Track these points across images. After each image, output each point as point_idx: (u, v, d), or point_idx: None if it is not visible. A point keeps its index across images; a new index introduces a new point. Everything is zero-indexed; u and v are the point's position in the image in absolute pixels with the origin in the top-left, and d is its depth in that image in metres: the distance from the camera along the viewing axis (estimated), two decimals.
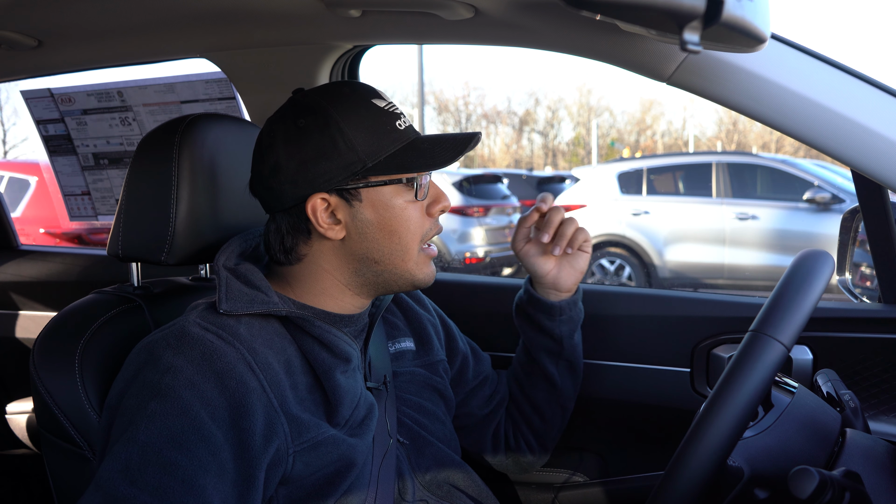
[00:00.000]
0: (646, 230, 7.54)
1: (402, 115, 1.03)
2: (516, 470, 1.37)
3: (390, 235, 1.01)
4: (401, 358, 1.19)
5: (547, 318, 1.26)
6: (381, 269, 1.03)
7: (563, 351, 1.28)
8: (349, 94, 1.00)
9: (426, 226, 1.04)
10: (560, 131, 42.34)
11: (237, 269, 1.01)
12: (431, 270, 1.07)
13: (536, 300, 1.26)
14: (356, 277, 1.03)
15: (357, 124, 0.98)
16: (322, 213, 0.99)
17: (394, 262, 1.02)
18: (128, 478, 0.81)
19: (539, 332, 1.28)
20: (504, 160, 39.92)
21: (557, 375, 1.30)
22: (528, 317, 1.29)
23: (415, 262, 1.04)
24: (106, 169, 1.96)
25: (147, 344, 0.94)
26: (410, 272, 1.04)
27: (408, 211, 1.01)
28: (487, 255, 8.27)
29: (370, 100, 1.00)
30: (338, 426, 0.99)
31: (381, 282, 1.04)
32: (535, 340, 1.29)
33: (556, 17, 1.01)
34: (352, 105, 0.99)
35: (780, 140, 32.78)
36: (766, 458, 0.87)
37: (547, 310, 1.26)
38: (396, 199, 1.00)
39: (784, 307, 0.81)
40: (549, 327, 1.27)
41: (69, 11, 1.22)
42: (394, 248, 1.01)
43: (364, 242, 1.01)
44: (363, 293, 1.06)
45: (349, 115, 0.98)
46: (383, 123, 0.99)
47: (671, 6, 0.63)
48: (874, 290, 1.40)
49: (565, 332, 1.27)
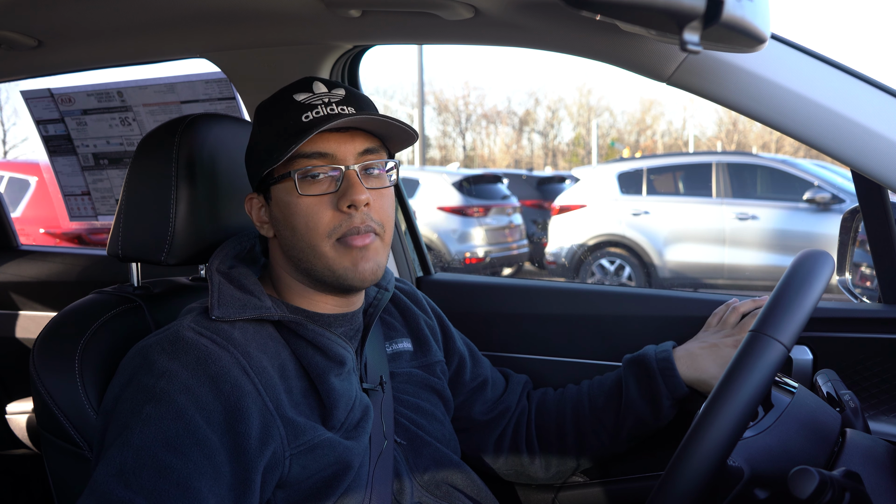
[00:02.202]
0: (646, 230, 7.54)
1: (319, 105, 0.97)
2: (517, 478, 1.35)
3: (292, 232, 0.99)
4: (398, 358, 1.19)
5: (668, 396, 1.20)
6: (305, 267, 1.00)
7: (652, 427, 1.23)
8: (279, 94, 1.02)
9: (335, 221, 0.97)
10: (560, 131, 42.36)
11: (231, 272, 1.01)
12: (356, 264, 0.98)
13: (674, 375, 1.19)
14: (300, 274, 1.03)
15: (268, 123, 1.00)
16: (256, 211, 1.05)
17: (308, 258, 0.99)
18: (123, 481, 0.81)
19: (647, 402, 1.22)
20: (504, 160, 39.90)
21: (625, 438, 1.25)
22: (648, 381, 1.22)
23: (331, 258, 0.98)
24: (106, 169, 1.96)
25: (142, 348, 0.94)
26: (329, 268, 0.98)
27: (301, 206, 0.97)
28: (487, 255, 8.27)
29: (292, 95, 1.00)
30: (333, 429, 0.99)
31: (315, 279, 1.01)
32: (636, 404, 1.22)
33: (556, 17, 1.01)
34: (272, 103, 1.01)
35: (780, 140, 32.78)
36: (766, 458, 0.87)
37: (676, 391, 1.20)
38: (290, 196, 0.98)
39: (784, 307, 0.81)
40: (663, 406, 1.21)
41: (69, 11, 1.22)
42: (300, 244, 0.99)
43: (282, 240, 1.02)
44: (323, 290, 1.03)
45: (266, 114, 1.01)
46: (288, 118, 0.98)
47: (671, 6, 0.63)
48: (874, 290, 1.40)
49: (670, 416, 1.22)
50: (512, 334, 1.52)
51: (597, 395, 1.27)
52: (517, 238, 8.84)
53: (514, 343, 1.52)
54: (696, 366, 1.20)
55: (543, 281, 1.68)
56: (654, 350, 1.25)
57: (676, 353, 1.23)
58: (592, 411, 1.27)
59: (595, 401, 1.27)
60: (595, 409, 1.26)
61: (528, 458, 1.31)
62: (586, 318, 1.33)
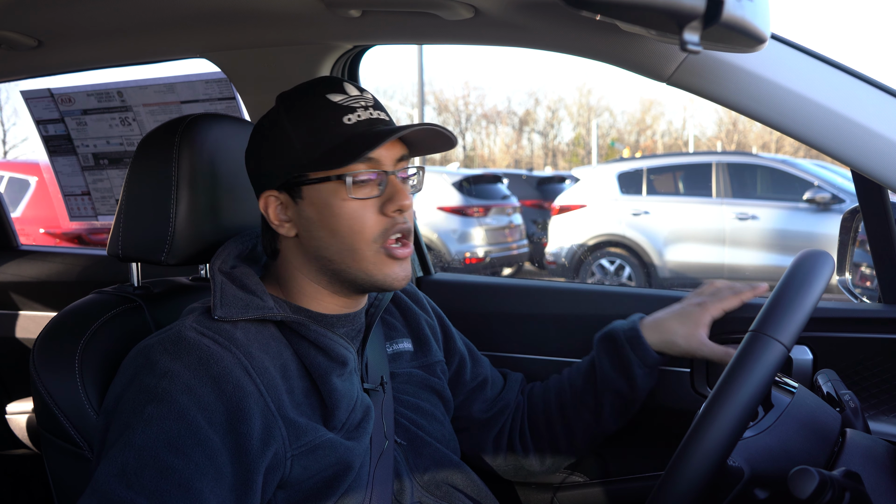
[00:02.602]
0: (646, 230, 7.54)
1: (358, 108, 0.98)
2: (516, 475, 1.36)
3: (333, 235, 0.98)
4: (399, 359, 1.19)
5: (639, 365, 1.22)
6: (338, 269, 1.00)
7: (632, 400, 1.24)
8: (305, 90, 1.00)
9: (380, 226, 0.98)
10: (560, 131, 42.34)
11: (233, 272, 1.01)
12: (395, 272, 0.99)
13: (641, 343, 1.22)
14: (322, 275, 1.02)
15: (299, 121, 0.98)
16: (273, 210, 1.01)
17: (345, 261, 0.99)
18: (124, 481, 0.81)
19: (620, 374, 1.23)
20: (504, 160, 39.89)
21: (609, 415, 1.26)
22: (618, 353, 1.24)
23: (370, 262, 0.98)
24: (106, 169, 1.96)
25: (143, 348, 0.94)
26: (367, 272, 0.99)
27: (346, 209, 0.97)
28: (487, 255, 8.27)
29: (325, 95, 0.98)
30: (334, 429, 0.99)
31: (345, 280, 1.01)
32: (610, 378, 1.24)
33: (556, 17, 1.01)
34: (301, 102, 0.99)
35: (780, 140, 32.77)
36: (766, 458, 0.87)
37: (646, 357, 1.21)
38: (334, 198, 0.97)
39: (784, 307, 0.81)
40: (636, 374, 1.22)
41: (69, 11, 1.22)
42: (340, 247, 0.98)
43: (312, 241, 1.00)
44: (339, 292, 1.03)
45: (295, 111, 0.99)
46: (327, 119, 0.97)
47: (671, 6, 0.63)
48: (874, 290, 1.40)
49: (646, 385, 1.24)
50: (512, 334, 1.52)
51: (575, 378, 1.30)
52: (517, 238, 8.84)
53: (514, 343, 1.51)
54: (662, 329, 1.23)
55: (543, 281, 1.68)
56: (621, 323, 1.28)
57: (643, 322, 1.25)
58: (574, 394, 1.29)
59: (574, 383, 1.29)
60: (576, 392, 1.28)
61: (523, 452, 1.32)
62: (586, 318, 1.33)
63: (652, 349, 1.22)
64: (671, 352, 1.23)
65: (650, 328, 1.24)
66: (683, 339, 1.20)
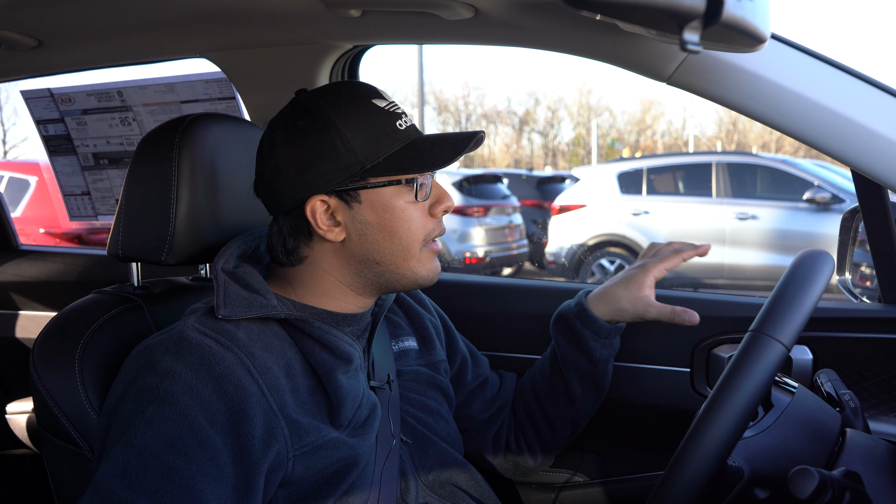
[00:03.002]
0: (646, 230, 7.54)
1: (403, 114, 1.02)
2: (516, 473, 1.36)
3: (391, 236, 1.00)
4: (404, 357, 1.19)
5: (593, 338, 1.23)
6: (383, 270, 1.02)
7: (595, 373, 1.25)
8: (349, 95, 1.00)
9: (429, 226, 1.03)
10: (560, 131, 42.34)
11: (236, 272, 1.01)
12: (435, 267, 1.05)
13: (589, 316, 1.23)
14: (358, 278, 1.03)
15: (356, 125, 0.97)
16: (321, 214, 0.99)
17: (395, 262, 1.02)
18: (125, 482, 0.81)
19: (577, 350, 1.25)
20: (504, 160, 39.91)
21: (580, 395, 1.27)
22: (571, 330, 1.25)
23: (417, 260, 1.03)
24: (106, 169, 1.96)
25: (145, 348, 0.94)
26: (413, 271, 1.03)
27: (408, 212, 1.00)
28: (487, 255, 8.27)
29: (370, 100, 1.00)
30: (340, 427, 0.99)
31: (383, 282, 1.04)
32: (569, 356, 1.26)
33: (556, 17, 1.01)
34: (351, 106, 0.98)
35: (780, 140, 32.77)
36: (766, 458, 0.87)
37: (597, 329, 1.22)
38: (396, 200, 1.00)
39: (784, 307, 0.81)
40: (592, 347, 1.23)
41: (69, 11, 1.22)
42: (395, 248, 1.01)
43: (364, 244, 1.00)
44: (366, 293, 1.05)
45: (348, 116, 0.97)
46: (383, 124, 0.99)
47: (671, 6, 0.63)
48: (874, 290, 1.40)
49: (605, 356, 1.25)
50: (512, 334, 1.52)
51: (544, 366, 1.32)
52: (517, 238, 8.84)
53: (514, 343, 1.52)
54: (607, 298, 1.23)
55: (543, 281, 1.68)
56: (568, 302, 1.29)
57: (589, 296, 1.26)
58: (544, 381, 1.30)
59: (543, 370, 1.31)
60: (546, 378, 1.30)
61: (516, 449, 1.33)
62: None
63: (602, 320, 1.22)
64: (622, 318, 1.23)
65: (596, 300, 1.24)
66: (629, 303, 1.20)
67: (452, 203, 1.05)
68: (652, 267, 1.22)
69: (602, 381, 1.27)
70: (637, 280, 1.21)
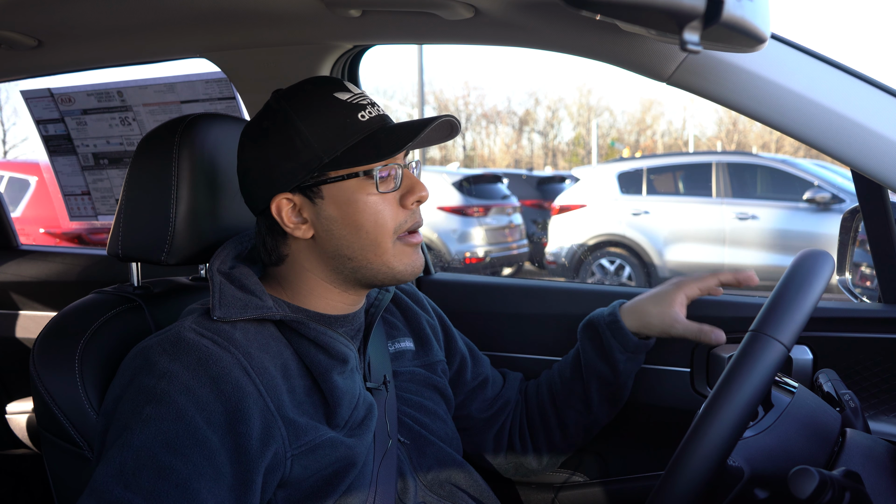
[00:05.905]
0: (646, 230, 7.54)
1: (367, 105, 1.00)
2: (517, 474, 1.36)
3: (357, 230, 0.99)
4: (400, 358, 1.19)
5: (619, 350, 1.23)
6: (357, 266, 1.01)
7: (615, 385, 1.26)
8: (310, 90, 1.00)
9: (399, 218, 1.00)
10: (560, 131, 42.32)
11: (232, 273, 1.01)
12: (413, 261, 1.02)
13: (620, 328, 1.23)
14: (336, 274, 1.03)
15: (313, 120, 0.97)
16: (287, 212, 1.00)
17: (367, 257, 1.00)
18: (122, 482, 0.81)
19: (602, 359, 1.25)
20: (504, 160, 39.89)
21: (597, 403, 1.27)
22: (599, 338, 1.25)
23: (391, 254, 1.00)
24: (106, 169, 1.96)
25: (142, 349, 0.94)
26: (388, 265, 1.01)
27: (373, 204, 0.98)
28: (487, 255, 8.27)
29: (332, 93, 0.99)
30: (337, 427, 0.99)
31: (360, 277, 1.02)
32: (593, 364, 1.26)
33: (556, 17, 1.01)
34: (310, 101, 0.99)
35: (780, 140, 32.77)
36: (766, 458, 0.87)
37: (625, 342, 1.23)
38: (358, 194, 0.98)
39: (784, 307, 0.81)
40: (617, 360, 1.23)
41: (69, 11, 1.22)
42: (363, 243, 0.99)
43: (332, 240, 1.00)
44: (349, 289, 1.04)
45: (306, 111, 0.98)
46: (342, 117, 0.98)
47: (671, 6, 0.63)
48: (874, 290, 1.40)
49: (628, 370, 1.25)
50: (512, 334, 1.52)
51: (564, 369, 1.31)
52: (517, 238, 8.84)
53: (514, 343, 1.52)
54: (638, 311, 1.23)
55: (543, 281, 1.68)
56: (602, 310, 1.29)
57: (623, 307, 1.26)
58: (563, 385, 1.30)
59: (563, 374, 1.31)
60: (565, 382, 1.30)
61: (522, 450, 1.32)
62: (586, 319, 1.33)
63: (631, 334, 1.23)
64: (648, 332, 1.23)
65: (629, 312, 1.25)
66: (657, 318, 1.21)
67: (426, 193, 1.02)
68: (685, 285, 1.23)
69: (621, 393, 1.27)
70: (669, 296, 1.22)
